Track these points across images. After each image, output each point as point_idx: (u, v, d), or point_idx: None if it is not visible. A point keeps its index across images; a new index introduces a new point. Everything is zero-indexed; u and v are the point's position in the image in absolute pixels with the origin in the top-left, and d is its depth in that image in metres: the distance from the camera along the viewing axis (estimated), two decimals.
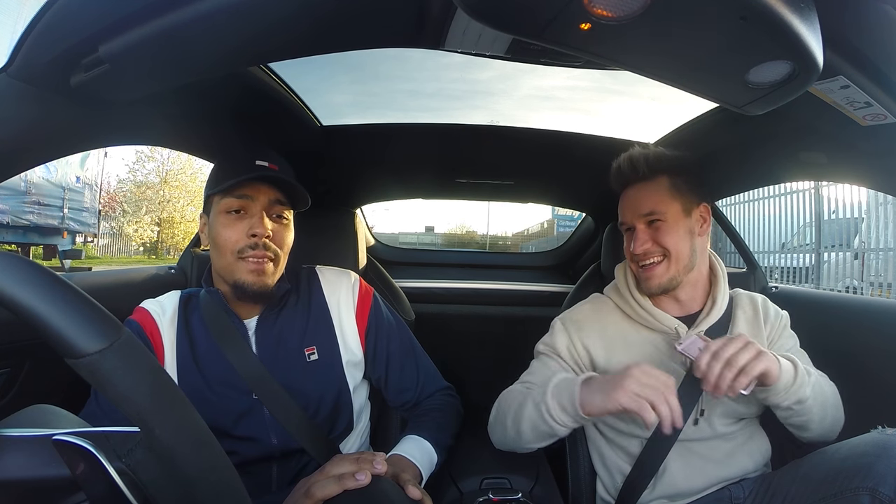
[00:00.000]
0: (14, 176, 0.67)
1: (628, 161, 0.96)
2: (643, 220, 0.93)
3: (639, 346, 0.94)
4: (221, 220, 0.82)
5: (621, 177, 0.97)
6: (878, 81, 0.64)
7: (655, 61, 0.55)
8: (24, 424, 0.43)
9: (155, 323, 0.84)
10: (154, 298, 0.89)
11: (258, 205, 0.82)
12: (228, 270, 0.82)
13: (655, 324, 0.94)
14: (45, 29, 0.53)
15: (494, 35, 0.65)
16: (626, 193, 0.98)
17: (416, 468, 0.79)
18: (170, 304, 0.88)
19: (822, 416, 0.84)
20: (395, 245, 2.22)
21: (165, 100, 0.81)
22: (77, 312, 0.34)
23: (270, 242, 0.82)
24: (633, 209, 0.94)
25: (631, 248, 0.94)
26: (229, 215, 0.82)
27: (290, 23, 0.57)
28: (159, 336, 0.84)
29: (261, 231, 0.81)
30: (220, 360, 0.82)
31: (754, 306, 0.98)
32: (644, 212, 0.92)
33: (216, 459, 0.39)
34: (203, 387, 0.81)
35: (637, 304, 0.96)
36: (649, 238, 0.92)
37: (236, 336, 0.84)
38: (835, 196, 5.92)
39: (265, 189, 0.83)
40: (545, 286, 1.92)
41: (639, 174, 0.94)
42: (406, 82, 1.29)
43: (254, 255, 0.81)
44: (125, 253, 16.53)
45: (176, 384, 0.40)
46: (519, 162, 1.47)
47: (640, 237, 0.92)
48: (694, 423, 0.90)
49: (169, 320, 0.85)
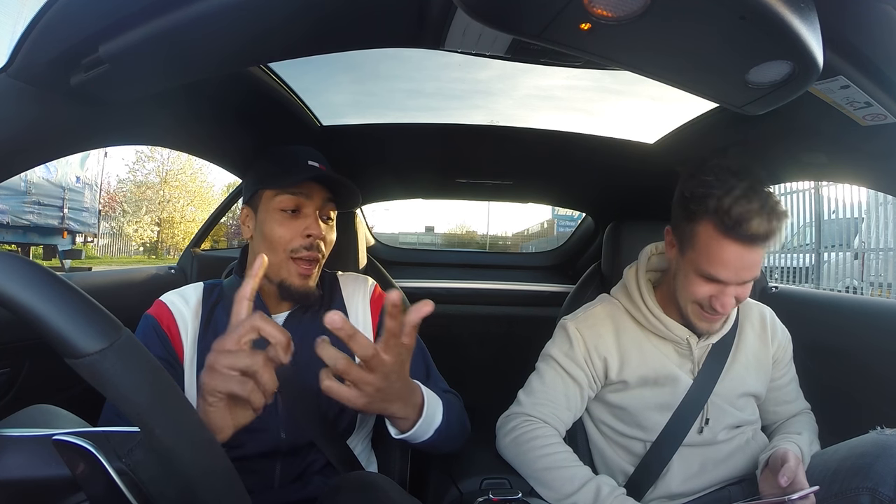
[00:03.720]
0: (14, 176, 0.67)
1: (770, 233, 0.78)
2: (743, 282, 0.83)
3: (651, 355, 0.93)
4: (276, 217, 0.82)
5: (744, 234, 0.77)
6: (878, 81, 0.64)
7: (655, 61, 0.55)
8: (24, 424, 0.43)
9: (173, 316, 0.83)
10: (176, 290, 0.88)
11: (313, 205, 0.83)
12: (276, 269, 0.82)
13: (667, 333, 0.92)
14: (45, 29, 0.53)
15: (494, 35, 0.65)
16: (734, 249, 0.78)
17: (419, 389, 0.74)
18: (194, 294, 0.87)
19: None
20: (395, 245, 2.22)
21: (165, 100, 0.81)
22: (77, 312, 0.34)
23: (321, 243, 0.83)
24: (739, 273, 0.80)
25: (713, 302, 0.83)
26: (285, 213, 0.82)
27: (290, 23, 0.57)
28: (177, 329, 0.82)
29: (317, 232, 0.82)
30: None
31: (762, 321, 0.98)
32: (748, 279, 0.82)
33: (216, 459, 0.39)
34: None
35: (650, 314, 0.93)
36: (737, 297, 0.83)
37: None
38: (835, 196, 5.93)
39: (319, 189, 0.84)
40: (545, 286, 1.92)
41: (766, 242, 0.79)
42: (406, 82, 1.29)
43: (308, 255, 0.82)
44: (125, 253, 16.53)
45: (176, 384, 0.40)
46: (519, 162, 1.47)
47: (731, 296, 0.83)
48: (699, 432, 0.90)
49: (193, 312, 0.84)
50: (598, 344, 0.94)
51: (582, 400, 0.95)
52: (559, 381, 0.93)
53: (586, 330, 0.95)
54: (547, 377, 0.95)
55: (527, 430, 0.90)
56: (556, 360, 0.95)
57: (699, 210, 0.81)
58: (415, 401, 0.71)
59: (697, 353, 0.92)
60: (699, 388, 0.90)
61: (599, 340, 0.94)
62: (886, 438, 0.71)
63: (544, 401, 0.92)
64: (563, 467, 0.84)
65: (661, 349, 0.93)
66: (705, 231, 0.80)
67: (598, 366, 0.93)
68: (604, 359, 0.93)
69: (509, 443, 0.91)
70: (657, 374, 0.91)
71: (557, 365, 0.95)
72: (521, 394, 0.97)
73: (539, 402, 0.93)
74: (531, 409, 0.92)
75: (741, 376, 0.93)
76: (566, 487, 0.81)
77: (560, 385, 0.93)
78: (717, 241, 0.79)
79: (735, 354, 0.94)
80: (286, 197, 0.82)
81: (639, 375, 0.91)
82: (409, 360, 0.63)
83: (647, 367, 0.91)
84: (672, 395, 0.91)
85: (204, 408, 0.54)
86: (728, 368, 0.93)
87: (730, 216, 0.76)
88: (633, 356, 0.93)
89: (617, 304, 0.99)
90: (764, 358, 0.96)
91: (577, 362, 0.93)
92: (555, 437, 0.89)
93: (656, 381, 0.91)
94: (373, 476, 0.77)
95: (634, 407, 0.92)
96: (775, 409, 0.99)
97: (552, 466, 0.84)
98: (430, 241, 17.04)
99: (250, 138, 1.11)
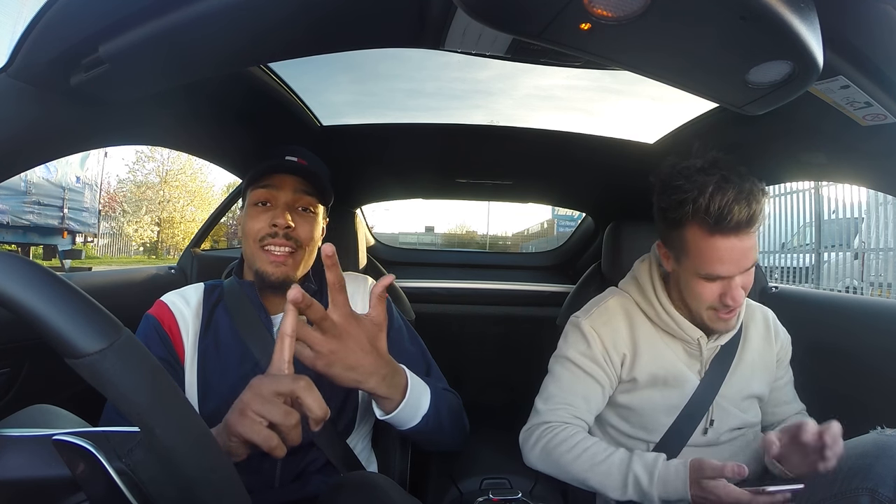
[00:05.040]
0: (14, 176, 0.67)
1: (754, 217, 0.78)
2: (744, 271, 0.82)
3: (663, 353, 0.92)
4: (249, 211, 0.86)
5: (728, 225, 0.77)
6: (878, 81, 0.64)
7: (655, 61, 0.55)
8: (24, 424, 0.43)
9: (174, 317, 0.84)
10: (177, 290, 0.89)
11: (282, 196, 0.85)
12: (251, 259, 0.85)
13: (680, 333, 0.91)
14: (45, 29, 0.53)
15: (494, 35, 0.65)
16: (726, 243, 0.79)
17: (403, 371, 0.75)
18: (194, 295, 0.88)
19: None
20: (395, 245, 2.22)
21: (165, 100, 0.81)
22: (77, 312, 0.34)
23: (292, 233, 0.84)
24: (739, 263, 0.80)
25: (724, 299, 0.82)
26: (256, 207, 0.85)
27: (290, 23, 0.57)
28: (178, 330, 0.83)
29: (281, 222, 0.83)
30: (242, 352, 0.82)
31: (766, 323, 0.99)
32: (749, 265, 0.82)
33: (216, 459, 0.39)
34: (223, 379, 0.80)
35: (664, 312, 0.91)
36: (743, 286, 0.83)
37: (261, 328, 0.84)
38: (835, 196, 5.92)
39: (290, 181, 0.86)
40: (545, 286, 1.92)
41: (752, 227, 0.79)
42: (406, 82, 1.29)
43: (273, 243, 0.83)
44: (125, 253, 16.53)
45: (176, 384, 0.40)
46: (519, 162, 1.47)
47: (738, 287, 0.82)
48: (703, 433, 0.90)
49: (194, 312, 0.85)
50: (615, 340, 0.92)
51: (603, 399, 0.93)
52: (577, 383, 0.91)
53: (602, 327, 0.93)
54: (564, 379, 0.92)
55: (551, 438, 0.88)
56: (572, 361, 0.92)
57: (680, 216, 0.81)
58: (398, 381, 0.72)
59: (706, 353, 0.92)
60: (706, 388, 0.90)
61: (617, 336, 0.92)
62: (887, 439, 0.71)
63: (563, 404, 0.90)
64: (598, 463, 0.83)
65: (672, 348, 0.92)
66: (692, 235, 0.81)
67: (616, 362, 0.92)
68: (622, 355, 0.92)
69: (538, 454, 0.89)
70: (667, 373, 0.90)
71: (574, 366, 0.92)
72: (538, 401, 0.94)
73: (557, 406, 0.91)
74: (550, 415, 0.90)
75: (746, 378, 0.93)
76: (611, 481, 0.81)
77: (579, 386, 0.91)
78: (706, 241, 0.79)
79: (741, 355, 0.94)
80: (258, 191, 0.85)
81: (650, 373, 0.90)
82: (380, 335, 0.68)
83: (658, 365, 0.91)
84: (680, 396, 0.90)
85: (225, 442, 0.55)
86: (734, 370, 0.92)
87: (710, 214, 0.76)
88: (645, 353, 0.91)
89: (628, 298, 0.97)
90: (768, 359, 0.96)
91: (597, 361, 0.91)
92: (579, 434, 0.87)
93: (665, 381, 0.90)
94: (373, 476, 0.77)
95: (642, 408, 0.92)
96: (773, 410, 0.99)
97: (588, 467, 0.83)
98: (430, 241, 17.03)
99: (250, 138, 1.11)
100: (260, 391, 0.54)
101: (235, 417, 0.54)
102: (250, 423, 0.53)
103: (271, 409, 0.53)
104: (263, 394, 0.54)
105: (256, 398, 0.54)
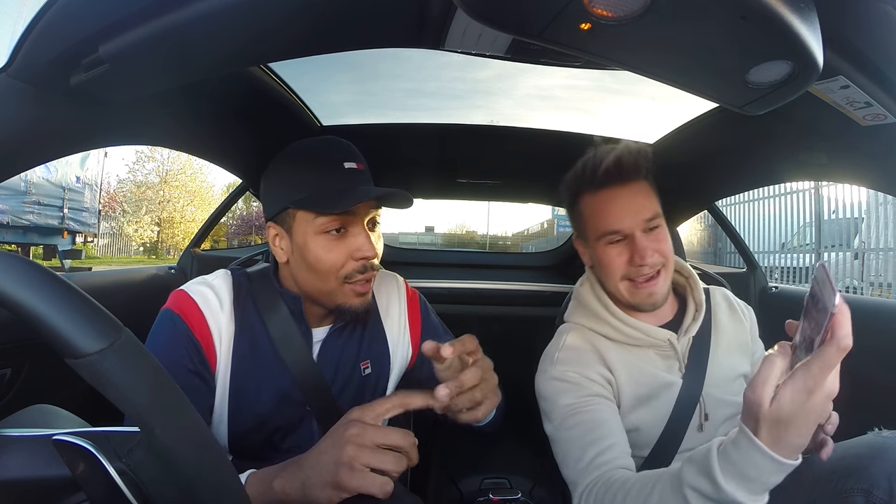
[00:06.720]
0: (14, 176, 0.67)
1: (625, 163, 0.82)
2: (644, 225, 0.83)
3: (640, 368, 0.86)
4: (320, 242, 0.72)
5: (601, 177, 0.83)
6: (878, 81, 0.64)
7: (655, 61, 0.55)
8: (24, 424, 0.43)
9: (203, 318, 0.71)
10: (202, 280, 0.76)
11: (360, 219, 0.73)
12: (330, 295, 0.74)
13: (648, 340, 0.87)
14: (45, 29, 0.53)
15: (494, 35, 0.65)
16: (608, 195, 0.83)
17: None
18: (224, 287, 0.75)
19: None
20: (395, 245, 2.22)
21: (165, 100, 0.81)
22: (77, 312, 0.34)
23: (375, 260, 0.75)
24: (632, 214, 0.82)
25: (633, 260, 0.82)
26: (329, 235, 0.72)
27: (290, 23, 0.57)
28: (209, 333, 0.71)
29: (371, 253, 0.73)
30: (279, 367, 0.75)
31: (728, 302, 0.97)
32: (648, 216, 0.82)
33: (216, 460, 0.39)
34: (258, 396, 0.74)
35: (622, 324, 0.87)
36: (650, 246, 0.82)
37: (301, 344, 0.76)
38: (835, 196, 5.93)
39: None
40: (545, 286, 1.92)
41: (626, 174, 0.83)
42: (406, 82, 1.29)
43: (363, 278, 0.74)
44: (125, 253, 16.55)
45: (176, 384, 0.40)
46: (519, 162, 1.47)
47: (644, 245, 0.82)
48: (699, 430, 0.85)
49: (227, 312, 0.74)
50: (593, 367, 0.86)
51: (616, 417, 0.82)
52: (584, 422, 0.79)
53: (574, 364, 0.85)
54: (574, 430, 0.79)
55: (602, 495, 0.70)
56: (568, 406, 0.82)
57: (573, 195, 0.89)
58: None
59: (681, 349, 0.88)
60: (691, 383, 0.87)
61: (591, 365, 0.86)
62: (883, 440, 0.70)
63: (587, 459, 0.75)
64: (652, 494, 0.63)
65: (645, 359, 0.87)
66: (583, 204, 0.87)
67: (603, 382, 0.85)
68: (606, 377, 0.86)
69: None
70: (650, 388, 0.85)
71: (571, 409, 0.81)
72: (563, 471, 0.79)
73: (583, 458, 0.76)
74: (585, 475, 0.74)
75: (728, 360, 0.90)
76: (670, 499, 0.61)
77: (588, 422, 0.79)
78: (592, 201, 0.86)
79: (716, 340, 0.91)
80: (330, 218, 0.71)
81: (633, 395, 0.85)
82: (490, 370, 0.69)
83: (638, 383, 0.85)
84: (668, 401, 0.86)
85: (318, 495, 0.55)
86: (713, 356, 0.89)
87: (587, 173, 0.85)
88: (622, 376, 0.86)
89: (582, 327, 0.92)
90: (742, 336, 0.94)
91: (591, 392, 0.83)
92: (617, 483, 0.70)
93: (650, 396, 0.85)
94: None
95: (635, 429, 0.85)
96: None
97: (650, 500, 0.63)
98: (430, 240, 17.05)
99: (250, 138, 1.11)
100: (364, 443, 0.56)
101: (346, 474, 0.54)
102: (362, 476, 0.54)
103: (383, 458, 0.55)
104: (368, 446, 0.56)
105: (364, 452, 0.55)
